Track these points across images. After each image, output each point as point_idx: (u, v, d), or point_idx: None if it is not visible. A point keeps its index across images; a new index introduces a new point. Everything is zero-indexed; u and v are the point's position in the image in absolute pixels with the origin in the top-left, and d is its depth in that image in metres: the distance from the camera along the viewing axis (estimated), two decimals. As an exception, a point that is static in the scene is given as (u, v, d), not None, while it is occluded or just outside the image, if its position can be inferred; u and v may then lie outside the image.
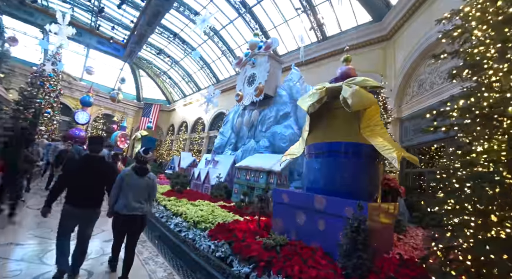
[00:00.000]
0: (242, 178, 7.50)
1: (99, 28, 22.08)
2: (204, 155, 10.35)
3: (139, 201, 3.06)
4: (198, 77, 25.86)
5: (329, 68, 14.03)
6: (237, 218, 4.68)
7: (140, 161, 3.18)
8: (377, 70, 12.52)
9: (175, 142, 27.16)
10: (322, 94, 4.03)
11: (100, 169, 3.01)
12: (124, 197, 3.01)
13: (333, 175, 3.68)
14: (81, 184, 2.84)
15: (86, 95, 20.43)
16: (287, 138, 9.12)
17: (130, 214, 2.97)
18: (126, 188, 3.02)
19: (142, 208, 3.07)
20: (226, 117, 12.72)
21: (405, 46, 10.93)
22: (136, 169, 3.14)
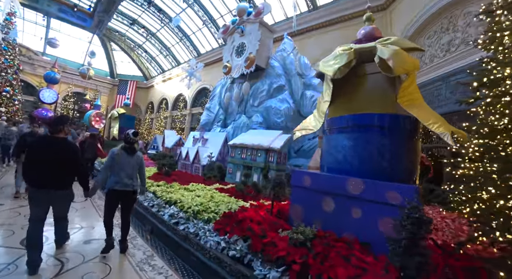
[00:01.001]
0: (237, 157, 6.79)
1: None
2: (191, 132, 9.45)
3: (131, 178, 3.35)
4: (177, 50, 23.95)
5: (321, 40, 13.23)
6: (241, 203, 4.02)
7: (129, 141, 3.44)
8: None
9: (155, 120, 25.65)
10: (351, 56, 3.27)
11: (59, 149, 2.87)
12: (116, 175, 3.26)
13: (364, 153, 3.04)
14: (42, 166, 2.75)
15: (50, 71, 18.20)
16: (282, 113, 8.43)
17: (122, 189, 3.25)
18: (118, 167, 3.26)
19: (133, 185, 3.37)
20: (213, 92, 11.69)
21: (403, 17, 10.35)
22: (127, 149, 3.39)
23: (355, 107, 3.34)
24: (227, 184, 5.98)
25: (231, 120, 9.96)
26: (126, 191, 3.28)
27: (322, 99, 3.79)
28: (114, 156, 3.28)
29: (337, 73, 3.29)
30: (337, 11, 12.73)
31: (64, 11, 20.34)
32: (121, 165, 3.26)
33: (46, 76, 18.23)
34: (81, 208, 4.89)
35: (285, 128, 8.17)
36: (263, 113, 8.83)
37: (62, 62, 25.21)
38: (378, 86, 3.31)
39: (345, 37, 12.96)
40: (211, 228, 3.10)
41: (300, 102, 8.82)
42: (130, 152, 3.37)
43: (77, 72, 23.26)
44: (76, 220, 4.21)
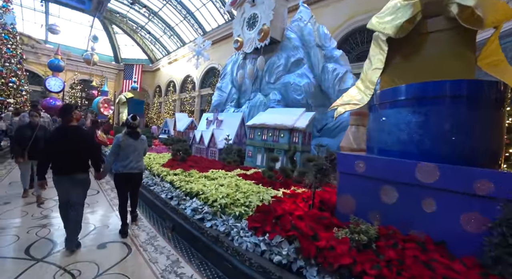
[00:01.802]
0: (257, 139, 6.22)
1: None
2: (204, 114, 8.88)
3: (138, 161, 3.54)
4: (182, 29, 22.87)
5: (338, 8, 12.06)
6: (272, 192, 3.49)
7: (131, 126, 3.55)
8: None
9: (164, 104, 25.16)
10: (416, 8, 2.53)
11: (75, 138, 3.00)
12: (123, 160, 3.41)
13: (435, 131, 2.38)
14: (61, 156, 2.90)
15: (54, 59, 17.70)
16: (302, 89, 7.69)
17: (131, 172, 3.44)
18: (125, 152, 3.41)
19: (140, 167, 3.58)
20: (223, 70, 10.94)
21: None
22: (131, 134, 3.52)
23: (423, 74, 2.64)
24: (249, 169, 5.47)
25: (246, 100, 9.30)
26: (134, 173, 3.48)
27: (370, 66, 3.09)
28: (120, 143, 3.41)
29: (399, 31, 2.57)
30: None
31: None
32: (127, 150, 3.42)
33: (50, 64, 17.79)
34: (94, 202, 4.50)
35: (306, 106, 7.50)
36: (280, 90, 8.12)
37: (65, 49, 24.64)
38: (449, 46, 2.58)
39: (366, 3, 11.77)
40: (244, 225, 2.59)
41: (321, 76, 8.02)
42: (134, 136, 3.52)
43: (82, 59, 22.73)
44: (89, 217, 3.82)
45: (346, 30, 12.07)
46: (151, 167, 5.02)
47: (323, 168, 2.78)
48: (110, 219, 3.83)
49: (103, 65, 26.98)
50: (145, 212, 4.06)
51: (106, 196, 4.91)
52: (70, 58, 24.95)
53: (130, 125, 3.52)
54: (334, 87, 7.71)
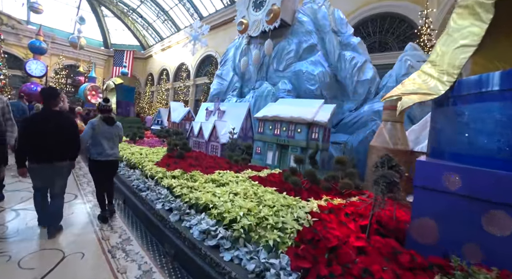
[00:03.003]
0: (268, 133, 5.35)
1: None
2: (203, 104, 7.92)
3: (113, 148, 3.39)
4: (176, 14, 21.50)
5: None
6: (305, 205, 2.66)
7: (105, 110, 3.38)
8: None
9: (156, 93, 23.88)
10: None
11: (60, 123, 2.82)
12: (98, 146, 3.27)
13: None
14: (43, 140, 2.71)
15: (35, 40, 16.17)
16: (316, 78, 6.83)
17: (106, 160, 3.29)
18: (99, 138, 3.25)
19: (115, 154, 3.42)
20: (224, 56, 9.93)
21: None
22: (106, 119, 3.33)
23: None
24: (260, 169, 4.60)
25: (250, 89, 8.38)
26: (110, 160, 3.34)
27: (452, 44, 2.22)
28: (94, 127, 3.23)
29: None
30: None
31: (45, -33, 17.68)
32: (102, 136, 3.26)
33: (30, 45, 16.28)
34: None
35: (319, 97, 6.66)
36: (291, 79, 7.23)
37: (49, 31, 22.91)
38: None
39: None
40: (285, 263, 1.74)
41: (337, 65, 7.16)
42: (109, 122, 3.34)
43: (67, 42, 21.12)
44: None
45: (358, 18, 11.21)
46: (142, 166, 4.08)
47: (393, 180, 1.93)
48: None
49: (91, 50, 25.33)
50: (135, 228, 3.15)
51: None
52: (54, 41, 23.24)
53: (104, 108, 3.35)
54: (352, 78, 6.88)
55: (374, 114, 6.16)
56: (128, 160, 4.61)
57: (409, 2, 10.18)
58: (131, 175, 4.11)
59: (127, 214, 3.51)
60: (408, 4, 10.17)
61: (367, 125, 6.19)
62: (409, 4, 10.17)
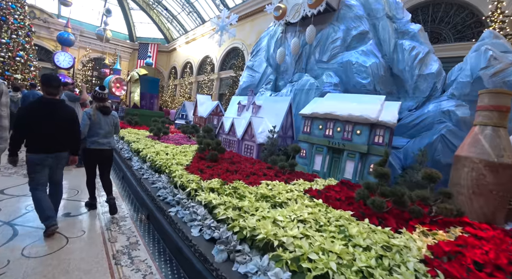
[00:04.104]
0: (317, 133, 4.45)
1: None
2: (234, 97, 7.12)
3: (107, 137, 3.33)
4: (201, 5, 20.85)
5: None
6: (408, 245, 1.75)
7: (100, 99, 3.27)
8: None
9: (179, 86, 23.51)
10: None
11: (61, 112, 2.70)
12: (93, 136, 3.22)
13: None
14: (45, 129, 2.59)
15: (63, 32, 16.12)
16: (369, 71, 5.79)
17: (100, 148, 3.25)
18: (94, 127, 3.21)
19: (110, 143, 3.36)
20: (256, 46, 9.05)
21: None
22: (101, 109, 3.25)
23: None
24: (311, 178, 3.69)
25: (286, 82, 7.47)
26: (105, 149, 3.28)
27: None
28: (90, 116, 3.17)
29: None
30: None
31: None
32: (97, 126, 3.22)
33: (59, 37, 16.26)
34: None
35: (372, 93, 5.67)
36: (337, 71, 6.24)
37: (78, 25, 23.14)
38: None
39: None
40: None
41: (392, 56, 6.08)
42: (105, 112, 3.28)
43: (94, 36, 21.17)
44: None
45: (406, 5, 9.90)
46: (170, 170, 3.32)
47: None
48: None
49: (117, 43, 25.40)
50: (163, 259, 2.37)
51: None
52: (82, 34, 23.48)
53: (99, 96, 3.24)
54: (412, 71, 5.78)
55: (442, 115, 5.05)
56: (152, 161, 3.87)
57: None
58: (156, 181, 3.36)
59: (152, 236, 2.74)
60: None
61: (433, 128, 5.10)
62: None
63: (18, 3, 15.30)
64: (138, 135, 6.44)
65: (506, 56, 4.79)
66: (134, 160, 4.53)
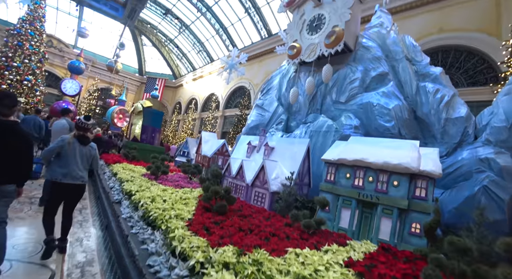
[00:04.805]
0: (343, 183, 3.78)
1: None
2: (243, 136, 6.57)
3: (82, 171, 3.08)
4: (211, 45, 21.68)
5: (422, 21, 10.21)
6: None
7: (82, 127, 3.13)
8: (484, 28, 8.85)
9: (183, 121, 23.34)
10: None
11: (12, 136, 2.32)
12: (65, 166, 2.94)
13: None
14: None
15: (75, 60, 16.41)
16: (392, 114, 5.34)
17: (72, 183, 2.97)
18: (69, 157, 2.95)
19: (83, 178, 3.11)
20: (268, 84, 8.81)
21: None
22: (80, 138, 3.08)
23: None
24: (343, 241, 2.91)
25: (298, 122, 7.00)
26: (75, 184, 3.02)
27: None
28: (64, 144, 2.95)
29: None
30: None
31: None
32: (72, 156, 2.98)
33: (70, 65, 16.46)
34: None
35: (397, 137, 5.13)
36: (357, 113, 5.78)
37: (91, 56, 23.94)
38: None
39: (437, 21, 9.84)
40: None
41: (415, 99, 5.69)
42: (83, 141, 3.09)
43: (105, 67, 21.69)
44: None
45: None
46: (167, 226, 2.57)
47: None
48: None
49: (126, 75, 26.01)
50: None
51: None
52: (94, 65, 24.16)
53: (81, 126, 3.11)
54: (439, 115, 5.33)
55: (480, 163, 4.43)
56: (146, 210, 3.13)
57: (477, 33, 8.97)
58: (147, 240, 2.58)
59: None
60: (477, 35, 8.94)
61: (472, 178, 4.45)
62: (478, 35, 8.93)
63: (37, 31, 15.94)
64: (133, 172, 5.74)
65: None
66: (124, 204, 3.79)
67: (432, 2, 10.11)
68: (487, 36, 8.77)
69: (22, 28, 15.38)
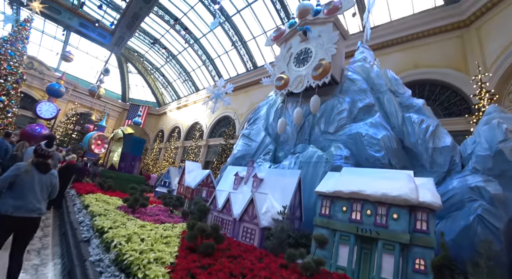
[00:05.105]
0: (340, 217, 3.54)
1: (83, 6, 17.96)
2: (230, 167, 6.26)
3: (40, 201, 2.79)
4: (197, 75, 21.99)
5: (399, 58, 10.95)
6: None
7: (43, 155, 2.88)
8: (453, 65, 9.67)
9: (164, 150, 22.65)
10: None
11: None
12: (20, 197, 2.64)
13: None
14: None
15: (54, 83, 15.91)
16: (382, 144, 5.35)
17: (26, 216, 2.65)
18: (25, 187, 2.68)
19: (41, 210, 2.82)
20: (255, 114, 8.77)
21: (504, 31, 8.54)
22: (39, 165, 2.83)
23: None
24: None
25: (286, 153, 6.87)
26: (29, 217, 2.67)
27: None
28: (20, 173, 2.65)
29: None
30: (411, 26, 10.70)
31: (84, 25, 18.83)
32: (29, 185, 2.69)
33: (49, 87, 15.87)
34: None
35: (387, 167, 5.09)
36: (346, 143, 5.74)
37: (73, 80, 23.44)
38: None
39: (412, 58, 10.65)
40: None
41: (402, 129, 5.78)
42: (42, 169, 2.81)
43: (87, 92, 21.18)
44: None
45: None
46: (145, 275, 2.13)
47: None
48: None
49: (108, 101, 25.46)
50: None
51: None
52: (76, 89, 23.55)
53: (41, 153, 2.82)
54: (426, 145, 5.40)
55: (471, 192, 4.42)
56: (119, 253, 2.67)
57: (448, 69, 9.82)
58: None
59: None
60: (448, 71, 9.83)
61: (465, 207, 4.39)
62: (449, 71, 9.82)
63: (18, 51, 15.44)
64: (107, 204, 5.17)
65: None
66: (93, 243, 3.28)
67: (406, 42, 11.00)
68: (456, 72, 9.62)
69: (2, 48, 14.90)
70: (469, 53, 9.59)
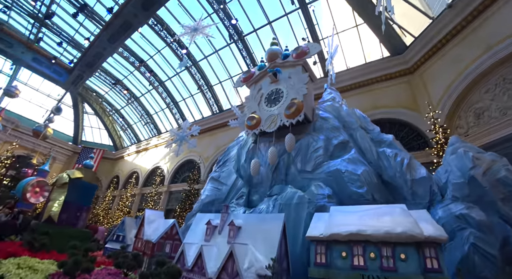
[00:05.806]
0: (340, 264, 2.99)
1: (40, 41, 16.99)
2: (199, 214, 5.38)
3: None
4: (160, 118, 21.26)
5: (359, 99, 11.86)
6: None
7: None
8: (406, 105, 10.85)
9: (119, 198, 20.21)
10: None
11: None
12: None
13: None
14: None
15: (-12, 121, 13.87)
16: (362, 179, 5.19)
17: None
18: None
19: None
20: (224, 156, 8.20)
21: (442, 75, 10.10)
22: None
23: None
24: None
25: (262, 195, 6.31)
26: None
27: None
28: None
29: None
30: (363, 73, 11.94)
31: (39, 61, 17.56)
32: None
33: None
34: None
35: (371, 202, 4.87)
36: (326, 181, 5.44)
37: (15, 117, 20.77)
38: None
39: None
40: None
41: (379, 163, 5.75)
42: None
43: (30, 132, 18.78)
44: None
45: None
46: None
47: None
48: None
49: (56, 142, 22.82)
50: None
51: None
52: (16, 129, 20.69)
53: None
54: (404, 177, 5.36)
55: (458, 220, 4.30)
56: None
57: (402, 109, 11.03)
58: None
59: None
60: (403, 110, 11.11)
61: (456, 236, 4.18)
62: (403, 110, 11.11)
63: None
64: (34, 273, 3.86)
65: (484, 156, 4.86)
66: None
67: (363, 86, 12.24)
68: (410, 112, 10.91)
69: None
70: (418, 95, 10.93)
